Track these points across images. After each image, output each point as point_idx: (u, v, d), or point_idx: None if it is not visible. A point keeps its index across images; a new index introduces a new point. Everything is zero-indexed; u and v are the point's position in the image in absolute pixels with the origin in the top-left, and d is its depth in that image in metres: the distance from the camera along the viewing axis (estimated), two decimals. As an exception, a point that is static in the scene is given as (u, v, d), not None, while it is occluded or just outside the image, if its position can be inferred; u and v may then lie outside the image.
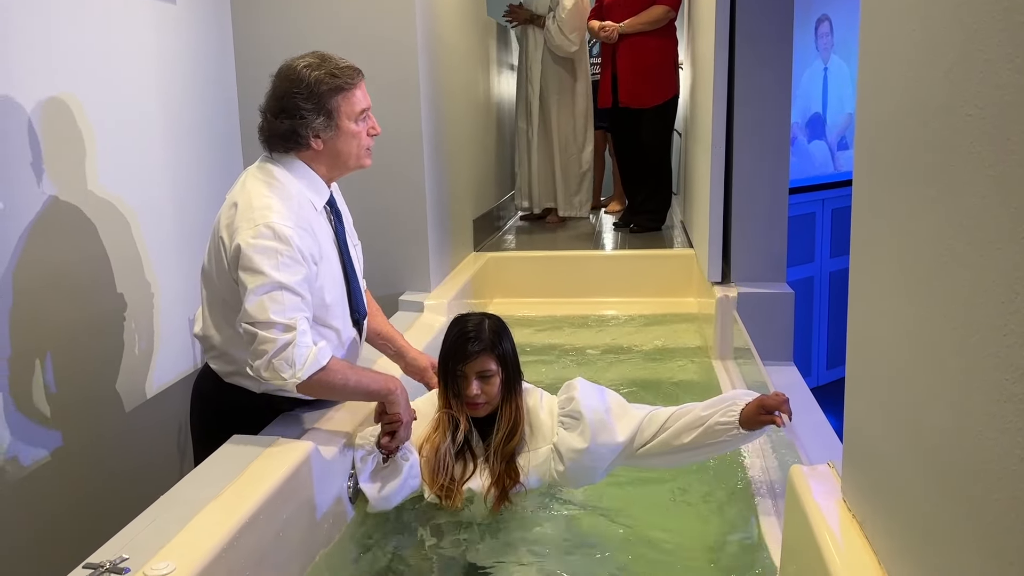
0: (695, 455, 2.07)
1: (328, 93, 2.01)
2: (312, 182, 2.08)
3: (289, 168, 2.06)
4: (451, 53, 3.92)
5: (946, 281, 1.01)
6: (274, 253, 1.91)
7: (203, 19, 3.12)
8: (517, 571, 1.90)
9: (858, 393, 1.41)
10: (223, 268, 2.00)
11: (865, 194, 1.35)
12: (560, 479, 2.08)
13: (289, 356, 1.89)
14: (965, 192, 0.95)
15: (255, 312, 1.89)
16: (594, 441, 2.03)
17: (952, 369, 1.00)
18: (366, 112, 2.09)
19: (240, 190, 2.02)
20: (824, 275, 6.36)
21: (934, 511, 1.06)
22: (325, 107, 2.01)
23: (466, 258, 4.23)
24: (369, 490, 2.06)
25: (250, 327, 1.90)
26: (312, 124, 2.01)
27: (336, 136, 2.05)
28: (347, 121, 2.05)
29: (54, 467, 2.28)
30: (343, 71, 2.04)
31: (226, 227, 1.98)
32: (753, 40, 3.23)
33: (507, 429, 2.08)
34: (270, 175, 2.03)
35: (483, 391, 2.06)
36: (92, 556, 1.43)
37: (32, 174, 2.24)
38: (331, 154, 2.07)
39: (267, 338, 1.88)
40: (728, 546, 1.97)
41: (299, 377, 1.91)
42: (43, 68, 2.28)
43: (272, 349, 1.88)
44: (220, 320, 2.07)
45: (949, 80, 0.99)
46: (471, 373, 2.06)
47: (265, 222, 1.92)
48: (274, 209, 1.94)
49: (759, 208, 3.34)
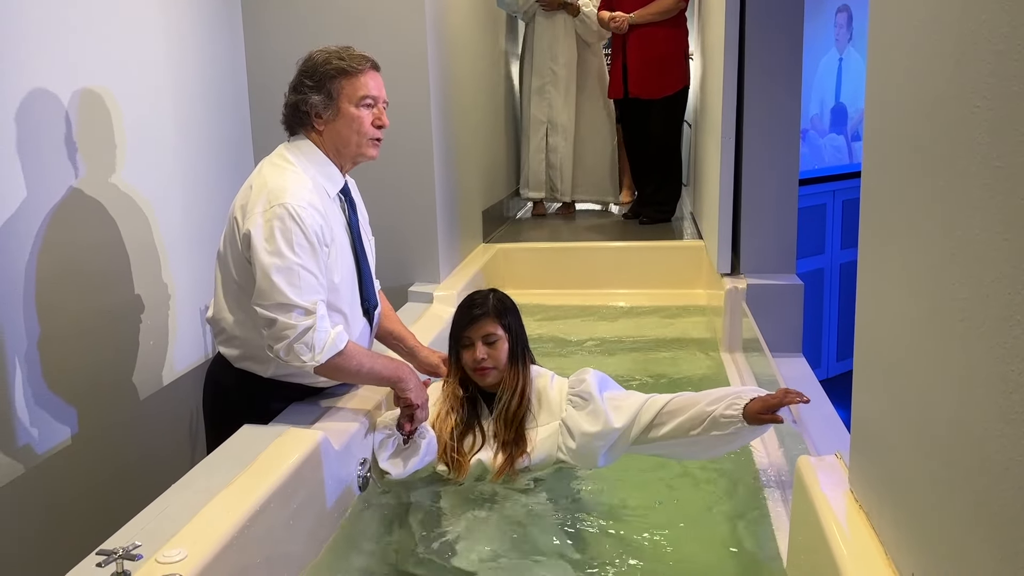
0: (701, 449, 2.09)
1: (331, 73, 2.06)
2: (324, 168, 2.11)
3: (303, 153, 2.09)
4: (460, 45, 3.92)
5: (953, 272, 1.01)
6: (289, 233, 1.93)
7: (215, 16, 3.13)
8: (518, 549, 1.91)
9: (865, 385, 1.41)
10: (237, 250, 2.02)
11: (873, 185, 1.35)
12: (568, 456, 2.12)
13: (309, 340, 1.94)
14: (972, 183, 0.95)
15: (273, 293, 1.92)
16: (599, 420, 2.07)
17: (959, 360, 1.00)
18: (371, 100, 2.10)
19: (256, 174, 2.06)
20: (835, 267, 6.34)
21: (940, 502, 1.07)
22: (326, 86, 2.06)
23: (475, 249, 4.23)
24: (390, 467, 2.12)
25: (267, 309, 1.93)
26: (311, 100, 2.06)
27: (336, 118, 2.08)
28: (347, 104, 2.07)
29: (67, 455, 2.30)
30: (351, 57, 2.08)
31: (240, 208, 2.01)
32: (764, 30, 3.22)
33: (511, 393, 2.15)
34: (285, 160, 2.07)
35: (489, 355, 2.14)
36: (105, 543, 1.45)
37: (52, 168, 2.26)
38: (333, 136, 2.10)
39: (287, 323, 1.92)
40: (735, 536, 1.97)
41: (318, 360, 1.96)
42: (61, 66, 2.29)
43: (293, 334, 1.92)
44: (232, 303, 2.10)
45: (957, 71, 0.99)
46: (476, 338, 2.16)
47: (279, 202, 1.95)
48: (288, 190, 1.97)
49: (769, 199, 3.33)
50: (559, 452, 2.13)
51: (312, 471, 1.88)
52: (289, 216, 1.94)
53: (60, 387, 2.29)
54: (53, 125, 2.27)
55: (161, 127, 2.78)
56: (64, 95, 2.31)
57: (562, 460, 2.14)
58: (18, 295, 2.15)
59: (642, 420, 2.07)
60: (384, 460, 2.13)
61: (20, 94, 2.16)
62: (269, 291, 1.92)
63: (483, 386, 2.21)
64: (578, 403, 2.13)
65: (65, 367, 2.30)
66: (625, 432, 2.08)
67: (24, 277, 2.17)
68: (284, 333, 1.93)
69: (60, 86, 2.30)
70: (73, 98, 2.35)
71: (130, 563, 1.37)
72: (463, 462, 2.13)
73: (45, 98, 2.24)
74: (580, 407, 2.12)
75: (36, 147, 2.21)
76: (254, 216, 1.95)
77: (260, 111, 3.37)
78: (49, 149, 2.26)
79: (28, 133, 2.18)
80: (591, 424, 2.09)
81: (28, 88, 2.18)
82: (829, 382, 5.97)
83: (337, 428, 2.05)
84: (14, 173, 2.14)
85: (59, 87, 2.30)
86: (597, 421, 2.08)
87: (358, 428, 2.11)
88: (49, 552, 2.21)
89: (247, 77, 3.37)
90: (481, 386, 2.21)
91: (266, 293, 1.92)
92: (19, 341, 2.15)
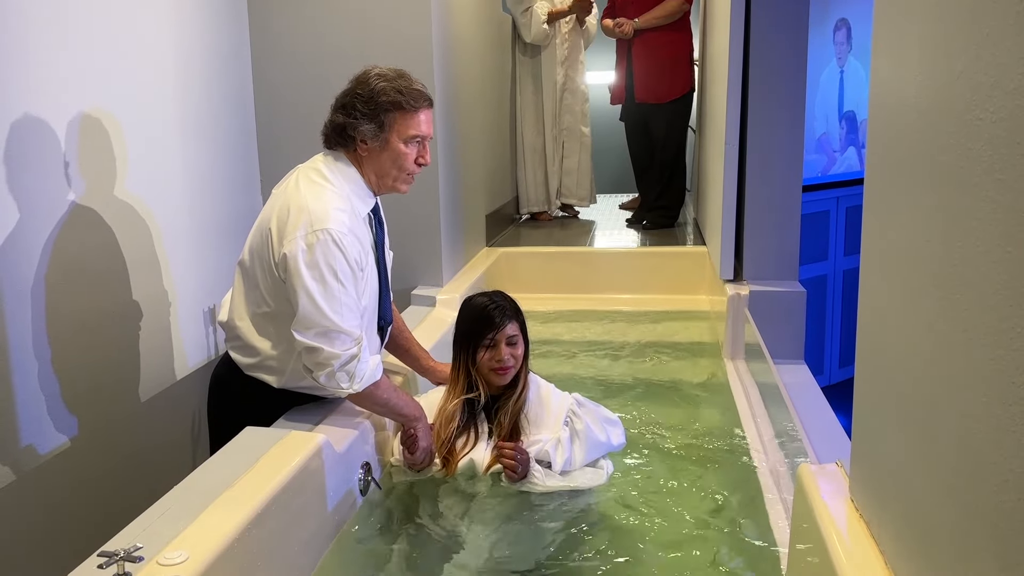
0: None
1: (387, 105, 2.03)
2: (359, 188, 2.09)
3: (341, 172, 2.07)
4: (466, 49, 3.93)
5: (955, 283, 1.01)
6: (333, 260, 1.92)
7: (220, 18, 3.13)
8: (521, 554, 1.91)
9: (867, 393, 1.41)
10: (267, 265, 2.00)
11: (876, 194, 1.35)
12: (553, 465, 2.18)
13: (351, 368, 1.96)
14: (975, 195, 0.95)
15: (319, 319, 1.91)
16: (584, 453, 2.21)
17: (960, 370, 1.00)
18: (421, 139, 2.09)
19: (294, 189, 2.02)
20: (838, 273, 6.33)
21: (941, 512, 1.07)
22: (379, 117, 2.03)
23: (479, 253, 4.24)
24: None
25: (312, 337, 1.92)
26: (361, 127, 2.03)
27: (382, 149, 2.06)
28: (397, 140, 2.05)
29: (69, 456, 2.31)
30: (410, 92, 2.05)
31: (277, 226, 1.98)
32: (768, 36, 3.22)
33: (517, 391, 2.25)
34: (323, 176, 2.04)
35: (512, 355, 2.22)
36: (106, 544, 1.45)
37: (57, 170, 2.26)
38: (374, 164, 2.08)
39: (332, 352, 1.93)
40: (735, 544, 1.97)
41: (355, 389, 1.99)
42: (67, 69, 2.30)
43: (338, 363, 1.94)
44: (253, 314, 2.08)
45: (961, 83, 0.99)
46: (502, 340, 2.21)
47: (323, 227, 1.93)
48: (330, 216, 1.95)
49: (772, 205, 3.33)
50: (544, 458, 2.18)
51: (314, 474, 1.89)
52: (333, 242, 1.93)
53: (62, 388, 2.29)
54: (58, 127, 2.28)
55: (166, 128, 2.78)
56: (70, 97, 2.32)
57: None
58: (22, 296, 2.15)
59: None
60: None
61: (25, 95, 2.16)
62: (314, 316, 1.92)
63: (497, 385, 2.25)
64: (572, 432, 2.22)
65: (68, 368, 2.30)
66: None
67: (28, 278, 2.17)
68: (329, 361, 1.94)
69: (65, 88, 2.31)
70: (78, 100, 2.35)
71: (131, 565, 1.37)
72: (452, 461, 2.19)
73: (50, 99, 2.25)
74: (573, 437, 2.21)
75: (41, 149, 2.22)
76: (294, 240, 1.93)
77: (265, 112, 3.38)
78: (54, 151, 2.27)
79: (33, 135, 2.18)
80: (578, 450, 2.21)
81: (33, 90, 2.19)
82: (832, 389, 5.96)
83: (339, 431, 2.06)
84: (19, 174, 2.14)
85: (64, 89, 2.30)
86: (582, 450, 2.21)
87: (359, 432, 2.12)
88: (50, 553, 2.21)
89: (252, 78, 3.38)
90: (495, 386, 2.25)
91: (310, 318, 1.92)
92: (23, 341, 2.15)
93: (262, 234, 2.03)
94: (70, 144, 2.32)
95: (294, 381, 2.10)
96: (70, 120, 2.32)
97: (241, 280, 2.11)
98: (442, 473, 2.19)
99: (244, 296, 2.11)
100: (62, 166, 2.30)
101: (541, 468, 2.15)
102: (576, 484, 2.16)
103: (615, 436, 2.26)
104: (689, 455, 2.42)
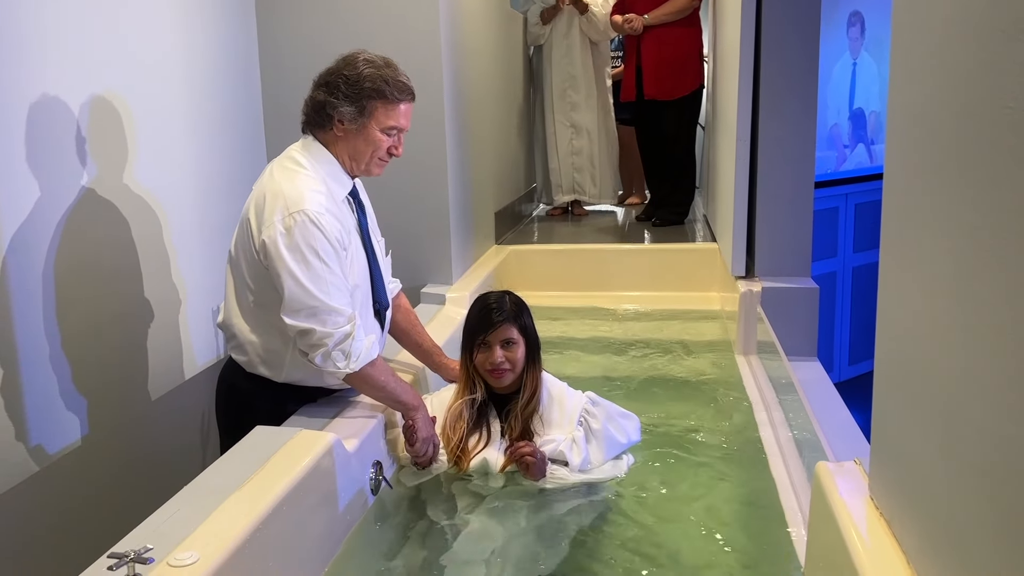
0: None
1: (370, 92, 2.03)
2: (335, 171, 2.09)
3: (313, 155, 2.07)
4: (475, 46, 3.91)
5: (979, 277, 0.99)
6: (313, 240, 1.93)
7: (229, 15, 3.12)
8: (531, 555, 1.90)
9: (887, 389, 1.39)
10: (251, 256, 2.01)
11: (897, 188, 1.33)
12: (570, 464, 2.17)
13: (347, 347, 1.95)
14: (1001, 187, 0.93)
15: (306, 299, 1.91)
16: (602, 452, 2.21)
17: (983, 366, 0.98)
18: (398, 131, 2.10)
19: (268, 179, 2.03)
20: (847, 270, 6.29)
21: (964, 510, 1.04)
22: (361, 102, 2.03)
23: (488, 251, 4.22)
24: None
25: (301, 318, 1.92)
26: (340, 108, 2.03)
27: (358, 133, 2.06)
28: (375, 127, 2.06)
29: (79, 455, 2.30)
30: (395, 83, 2.06)
31: (255, 214, 1.99)
32: (780, 31, 3.19)
33: (524, 394, 2.21)
34: (295, 162, 2.05)
35: (507, 358, 2.18)
36: (116, 545, 1.44)
37: (66, 168, 2.26)
38: (349, 146, 2.09)
39: (325, 332, 1.92)
40: (752, 543, 1.95)
41: (352, 368, 1.98)
42: (75, 67, 2.29)
43: (331, 342, 1.93)
44: (244, 309, 2.09)
45: (984, 73, 0.97)
46: (495, 342, 2.19)
47: (299, 209, 1.93)
48: (305, 197, 1.96)
49: (784, 201, 3.31)
50: (559, 457, 2.17)
51: (324, 473, 1.87)
52: (310, 222, 1.93)
53: (72, 387, 2.28)
54: (67, 126, 2.27)
55: (174, 126, 2.78)
56: (78, 96, 2.31)
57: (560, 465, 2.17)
58: (31, 294, 2.15)
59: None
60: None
61: (34, 96, 2.16)
62: (302, 298, 1.91)
63: (497, 388, 2.22)
64: (587, 433, 2.21)
65: (77, 367, 2.30)
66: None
67: (37, 276, 2.16)
68: (323, 341, 1.93)
69: (74, 87, 2.30)
70: (87, 99, 2.35)
71: (142, 566, 1.36)
72: (464, 458, 2.18)
73: (58, 99, 2.24)
74: (588, 437, 2.20)
75: (50, 147, 2.21)
76: (272, 224, 1.93)
77: (273, 109, 3.37)
78: (63, 149, 2.26)
79: (42, 134, 2.17)
80: (594, 451, 2.20)
81: (42, 90, 2.18)
82: (841, 385, 5.92)
83: (350, 430, 2.05)
84: (29, 173, 2.14)
85: (73, 88, 2.29)
86: (599, 450, 2.21)
87: (371, 430, 2.10)
88: (60, 554, 2.20)
89: (260, 75, 3.36)
90: (495, 388, 2.23)
91: (298, 300, 1.91)
92: (32, 340, 2.15)
93: (242, 226, 2.04)
94: (78, 145, 2.31)
95: (294, 373, 2.09)
96: (78, 121, 2.31)
97: (231, 277, 2.12)
98: (455, 470, 2.18)
99: (235, 292, 2.11)
100: (70, 167, 2.29)
101: (558, 466, 2.14)
102: (594, 477, 2.16)
103: (632, 432, 2.25)
104: (703, 453, 2.40)
